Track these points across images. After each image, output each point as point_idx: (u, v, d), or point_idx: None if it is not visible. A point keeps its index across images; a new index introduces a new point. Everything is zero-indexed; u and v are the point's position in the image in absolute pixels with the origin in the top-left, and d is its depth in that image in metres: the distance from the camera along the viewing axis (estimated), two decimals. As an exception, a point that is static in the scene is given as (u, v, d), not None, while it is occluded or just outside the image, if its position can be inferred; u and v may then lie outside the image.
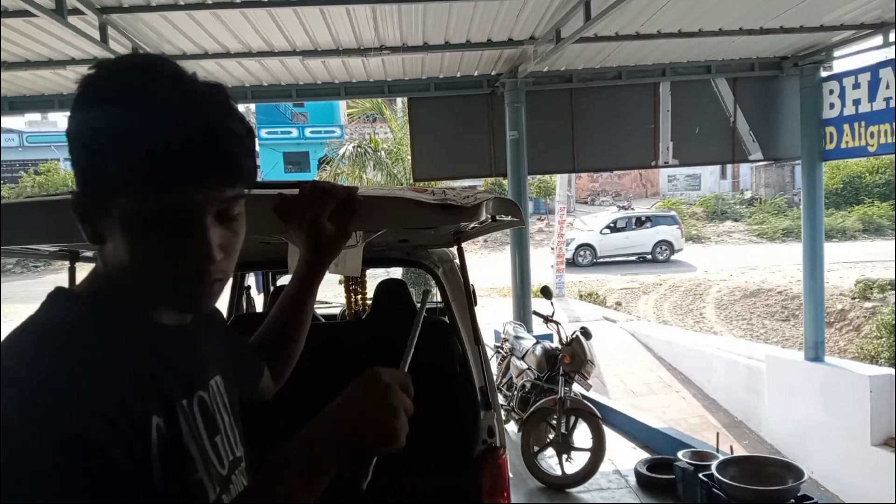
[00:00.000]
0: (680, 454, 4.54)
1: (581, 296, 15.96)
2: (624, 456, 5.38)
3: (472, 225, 2.13)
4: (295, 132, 25.89)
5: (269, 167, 24.74)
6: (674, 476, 4.49)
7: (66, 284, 0.91)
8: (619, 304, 15.85)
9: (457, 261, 2.56)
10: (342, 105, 23.92)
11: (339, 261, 1.54)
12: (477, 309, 2.62)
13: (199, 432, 0.82)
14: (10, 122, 30.56)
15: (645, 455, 5.32)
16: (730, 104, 7.48)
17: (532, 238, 27.41)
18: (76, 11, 4.52)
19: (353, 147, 12.16)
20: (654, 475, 4.72)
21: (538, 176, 25.70)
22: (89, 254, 2.45)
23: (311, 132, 25.57)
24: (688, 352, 10.22)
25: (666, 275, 17.86)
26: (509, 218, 1.78)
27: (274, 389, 1.23)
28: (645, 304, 15.98)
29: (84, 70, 0.76)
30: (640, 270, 19.01)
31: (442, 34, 5.91)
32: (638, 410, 7.42)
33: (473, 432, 2.39)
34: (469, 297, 2.37)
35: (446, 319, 2.87)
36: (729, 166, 31.23)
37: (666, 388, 9.74)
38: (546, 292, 5.54)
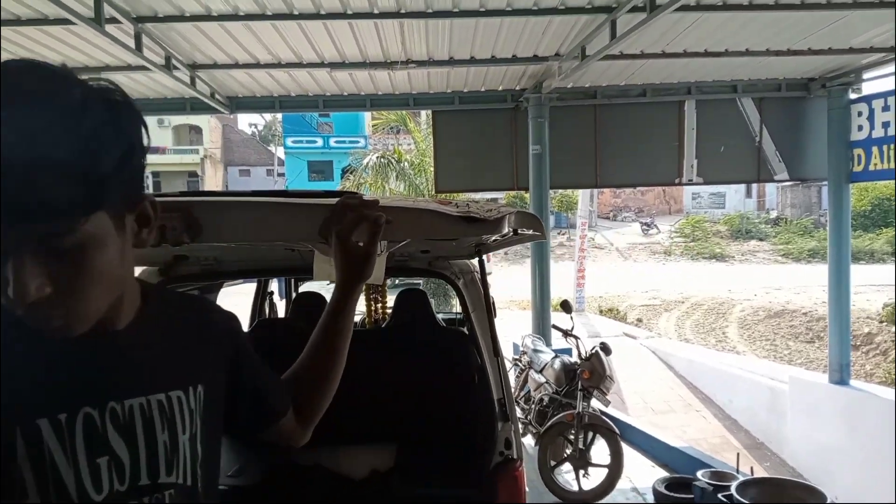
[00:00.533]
0: (699, 474, 4.48)
1: (601, 311, 15.87)
2: (642, 474, 5.33)
3: (493, 237, 2.16)
4: (320, 142, 26.25)
5: (294, 175, 25.09)
6: (692, 495, 4.43)
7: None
8: (639, 320, 15.74)
9: (477, 273, 2.58)
10: (367, 116, 24.18)
11: None
12: (496, 321, 2.64)
13: (64, 453, 0.77)
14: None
15: (663, 473, 5.26)
16: (756, 124, 7.44)
17: (553, 252, 27.35)
18: (113, 20, 4.67)
19: (377, 157, 12.29)
20: (672, 494, 4.65)
21: (560, 190, 25.69)
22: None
23: (336, 142, 25.91)
24: (709, 371, 10.09)
25: (689, 292, 17.70)
26: (531, 232, 1.81)
27: (300, 436, 1.13)
28: (666, 322, 15.84)
29: (118, 76, 0.78)
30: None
31: (468, 49, 5.98)
32: (657, 429, 7.35)
33: (490, 444, 2.40)
34: (489, 309, 2.39)
35: (465, 330, 2.90)
36: (754, 185, 30.91)
37: (686, 406, 9.62)
38: (566, 306, 5.53)
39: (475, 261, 2.60)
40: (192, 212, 1.24)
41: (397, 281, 7.55)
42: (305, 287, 5.50)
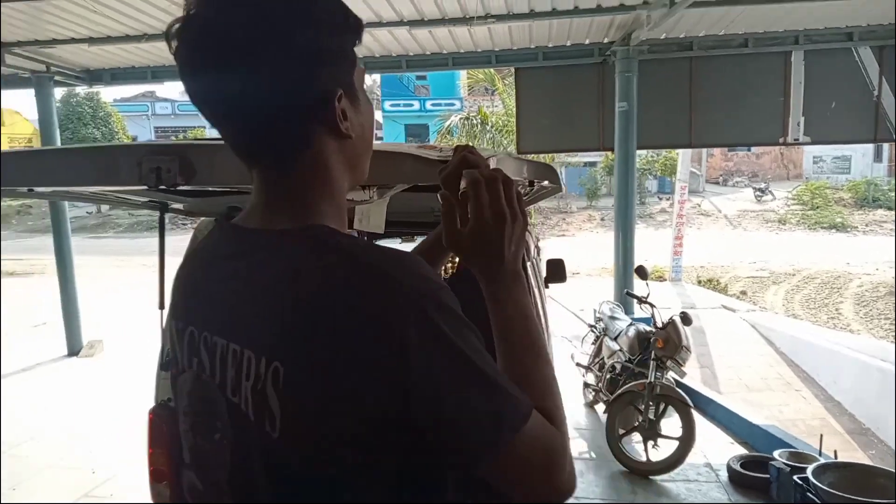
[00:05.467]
0: (776, 453, 4.20)
1: (700, 281, 15.09)
2: (719, 450, 5.05)
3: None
4: (416, 105, 26.40)
5: (392, 138, 25.43)
6: (768, 475, 4.16)
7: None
8: (743, 292, 14.83)
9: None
10: (463, 76, 23.97)
11: (362, 216, 1.54)
12: (572, 287, 2.45)
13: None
14: (166, 91, 33.84)
15: (742, 451, 4.97)
16: (874, 76, 6.66)
17: (653, 218, 26.32)
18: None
19: (459, 119, 12.16)
20: (747, 472, 4.39)
21: (663, 153, 24.47)
22: (179, 206, 2.63)
23: (432, 104, 25.93)
24: (814, 349, 9.36)
25: (802, 264, 16.48)
26: (546, 183, 1.69)
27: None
28: (774, 295, 14.83)
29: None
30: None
31: (549, 0, 5.72)
32: (749, 406, 6.93)
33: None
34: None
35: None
36: (885, 148, 27.98)
37: (785, 385, 9.00)
38: (641, 272, 5.27)
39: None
40: (186, 155, 1.26)
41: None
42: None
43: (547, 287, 4.92)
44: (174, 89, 32.37)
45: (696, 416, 5.03)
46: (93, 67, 7.72)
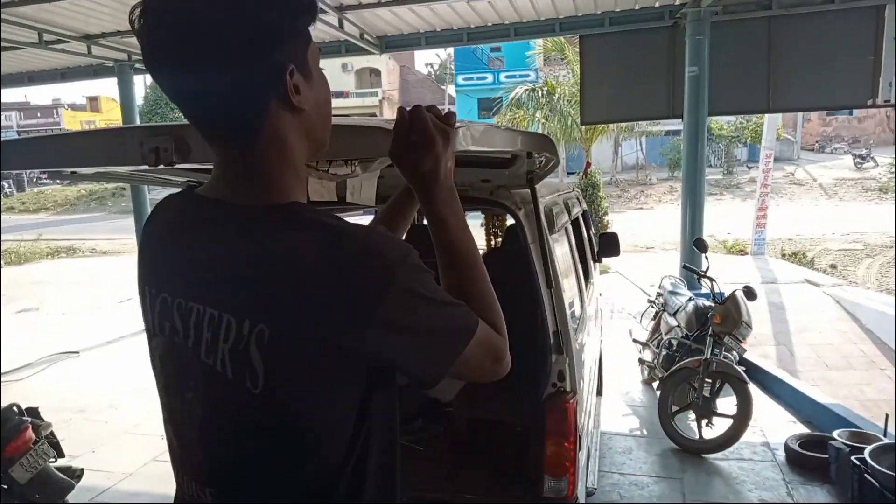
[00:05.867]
0: (836, 433, 4.02)
1: (784, 255, 14.32)
2: (779, 429, 4.88)
3: (538, 165, 2.08)
4: (490, 78, 26.00)
5: (464, 113, 25.28)
6: (828, 456, 4.01)
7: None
8: (833, 266, 13.97)
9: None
10: (537, 46, 23.46)
11: (353, 189, 1.60)
12: (645, 262, 2.45)
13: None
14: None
15: (804, 430, 4.78)
16: (977, 28, 6.05)
17: (741, 188, 24.99)
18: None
19: (525, 91, 11.95)
20: (805, 452, 4.24)
21: (753, 119, 23.13)
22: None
23: (506, 77, 25.46)
24: (905, 326, 8.74)
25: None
26: (547, 155, 1.70)
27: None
28: (867, 269, 13.88)
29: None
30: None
31: (610, -37, 5.55)
32: (826, 385, 6.61)
33: (542, 375, 2.39)
34: (543, 240, 2.33)
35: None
36: None
37: (869, 363, 8.48)
38: (700, 245, 5.10)
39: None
40: (181, 134, 1.35)
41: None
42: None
43: (599, 261, 4.87)
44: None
45: (758, 394, 4.89)
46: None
